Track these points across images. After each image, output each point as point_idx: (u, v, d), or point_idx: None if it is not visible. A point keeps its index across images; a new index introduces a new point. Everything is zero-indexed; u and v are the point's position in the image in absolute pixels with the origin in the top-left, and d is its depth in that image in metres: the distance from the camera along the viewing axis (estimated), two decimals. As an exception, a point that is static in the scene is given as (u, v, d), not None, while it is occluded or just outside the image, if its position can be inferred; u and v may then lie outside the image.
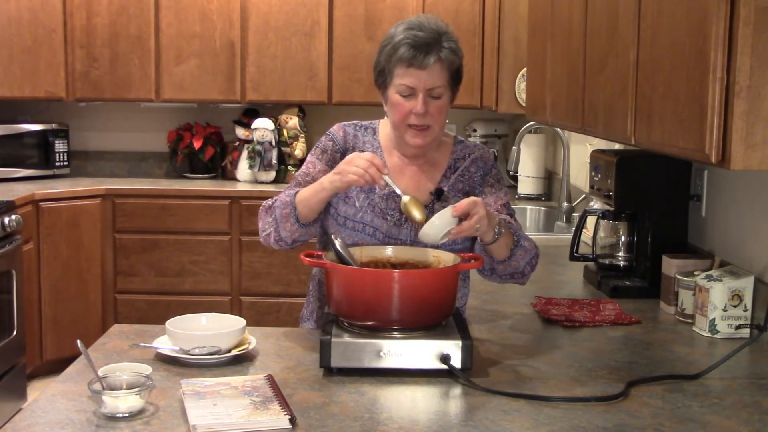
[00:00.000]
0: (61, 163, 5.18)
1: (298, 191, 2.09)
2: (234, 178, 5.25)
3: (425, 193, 2.17)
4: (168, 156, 5.43)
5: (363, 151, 2.18)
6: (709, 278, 2.21)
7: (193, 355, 1.87)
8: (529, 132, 4.53)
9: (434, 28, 2.06)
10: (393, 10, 4.95)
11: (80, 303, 4.80)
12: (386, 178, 1.97)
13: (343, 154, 2.19)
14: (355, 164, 1.95)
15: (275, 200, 2.13)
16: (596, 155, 2.79)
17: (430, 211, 2.11)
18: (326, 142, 2.22)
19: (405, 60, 2.04)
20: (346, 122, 2.26)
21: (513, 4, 4.42)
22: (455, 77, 2.10)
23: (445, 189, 2.18)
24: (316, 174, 2.17)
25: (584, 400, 1.70)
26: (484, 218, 1.92)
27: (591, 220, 2.86)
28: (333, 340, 1.81)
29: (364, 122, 2.27)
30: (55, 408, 1.64)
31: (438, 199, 2.15)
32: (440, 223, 1.91)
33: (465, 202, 1.90)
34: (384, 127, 2.25)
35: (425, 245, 2.05)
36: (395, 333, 1.85)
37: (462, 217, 1.90)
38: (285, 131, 5.21)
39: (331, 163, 2.18)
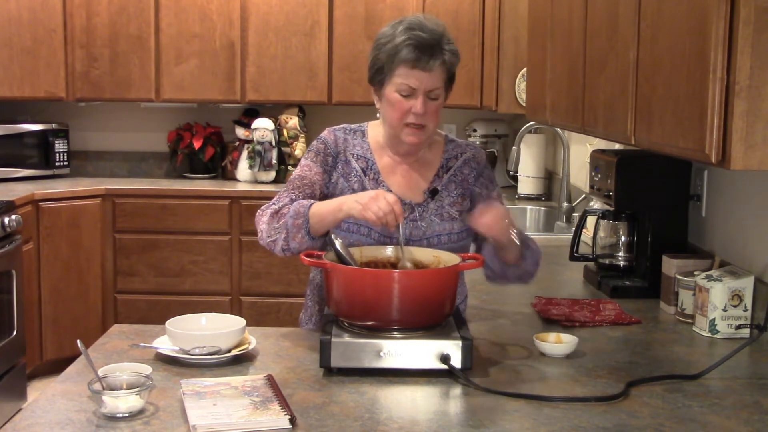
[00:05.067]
0: (61, 163, 5.17)
1: (312, 203, 2.04)
2: (234, 178, 5.25)
3: (418, 192, 2.17)
4: (168, 156, 5.43)
5: (354, 154, 2.18)
6: (709, 278, 2.21)
7: (193, 355, 1.87)
8: (529, 132, 4.53)
9: (435, 29, 2.07)
10: (393, 10, 4.95)
11: (80, 303, 4.79)
12: (400, 227, 1.97)
13: (336, 157, 2.19)
14: (378, 204, 1.92)
15: (281, 206, 2.08)
16: (596, 155, 2.79)
17: (424, 209, 2.14)
18: (318, 146, 2.22)
19: (409, 61, 2.04)
20: (335, 127, 2.26)
21: (513, 4, 4.42)
22: (451, 78, 2.12)
23: (439, 188, 2.18)
24: (312, 177, 2.16)
25: (584, 400, 1.70)
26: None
27: (591, 220, 2.86)
28: (333, 340, 1.81)
29: (352, 125, 2.27)
30: (55, 408, 1.64)
31: (432, 198, 2.16)
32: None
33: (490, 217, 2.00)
34: (373, 129, 2.25)
35: (420, 244, 2.05)
36: (395, 333, 1.85)
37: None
38: (285, 131, 5.21)
39: (325, 166, 2.18)
